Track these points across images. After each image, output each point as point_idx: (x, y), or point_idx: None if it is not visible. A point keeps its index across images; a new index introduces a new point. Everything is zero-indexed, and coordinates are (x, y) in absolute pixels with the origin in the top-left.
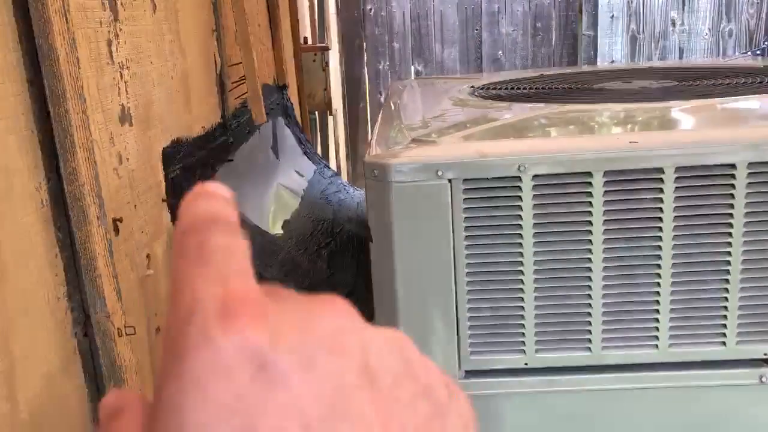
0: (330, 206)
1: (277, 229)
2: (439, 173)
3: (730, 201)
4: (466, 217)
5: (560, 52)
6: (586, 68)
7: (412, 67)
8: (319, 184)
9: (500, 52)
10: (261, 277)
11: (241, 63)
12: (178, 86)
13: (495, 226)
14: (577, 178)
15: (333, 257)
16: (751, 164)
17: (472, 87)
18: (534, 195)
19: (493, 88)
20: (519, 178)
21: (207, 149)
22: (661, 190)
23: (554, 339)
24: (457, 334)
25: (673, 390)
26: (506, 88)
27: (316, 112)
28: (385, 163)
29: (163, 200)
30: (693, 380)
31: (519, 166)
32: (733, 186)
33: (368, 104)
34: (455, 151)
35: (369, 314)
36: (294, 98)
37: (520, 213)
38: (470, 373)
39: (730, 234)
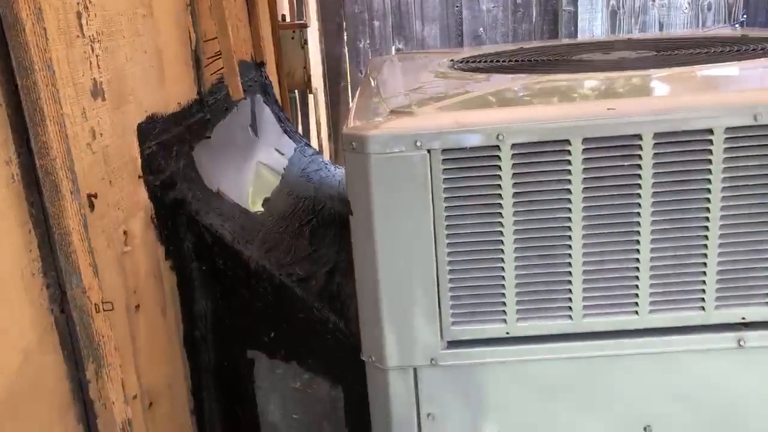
0: (311, 184)
1: (257, 207)
2: (418, 144)
3: (708, 166)
4: (446, 188)
5: (541, 28)
6: (566, 41)
7: (393, 46)
8: (300, 162)
9: (481, 29)
10: (240, 253)
11: (216, 38)
12: (152, 61)
13: (475, 195)
14: (556, 146)
15: (315, 234)
16: (728, 129)
17: (451, 60)
18: (513, 164)
19: (472, 61)
20: (498, 147)
21: (184, 126)
22: (639, 157)
23: (535, 308)
24: (439, 305)
25: (653, 356)
26: (486, 61)
27: (296, 91)
28: (363, 134)
29: (139, 177)
30: (673, 345)
31: (498, 135)
32: (710, 151)
33: (349, 83)
34: (434, 122)
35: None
36: (273, 76)
37: (499, 183)
38: (452, 344)
39: (708, 199)
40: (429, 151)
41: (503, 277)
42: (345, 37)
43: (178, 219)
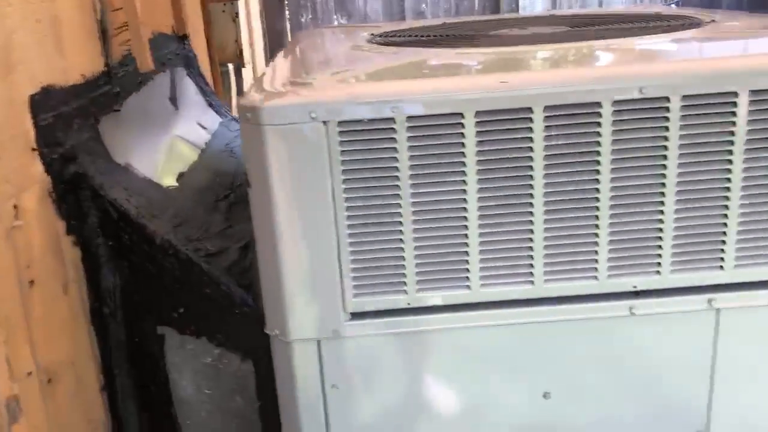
0: (234, 158)
1: (170, 181)
2: (313, 115)
3: (597, 138)
4: (343, 159)
5: (483, 5)
6: (491, 17)
7: (336, 21)
8: (225, 136)
9: (424, 5)
10: (145, 228)
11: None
12: (46, 30)
13: (372, 168)
14: (450, 118)
15: (231, 209)
16: (615, 102)
17: (372, 34)
18: (409, 136)
19: (391, 35)
20: (393, 120)
21: (87, 98)
22: (531, 129)
23: (434, 278)
24: (340, 277)
25: (550, 324)
26: (404, 36)
27: (230, 65)
28: (256, 105)
29: (32, 149)
30: (568, 314)
31: (392, 108)
32: (599, 124)
33: None
34: (329, 94)
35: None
36: (202, 50)
37: (395, 155)
38: (355, 315)
39: (598, 171)
40: (325, 123)
41: (402, 249)
42: (287, 12)
43: (81, 193)
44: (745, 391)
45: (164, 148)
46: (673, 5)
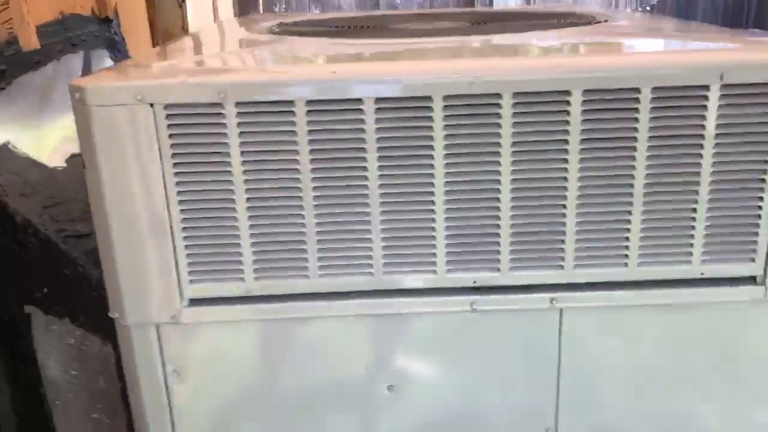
0: None
1: (57, 162)
2: (139, 97)
3: (430, 133)
4: (172, 143)
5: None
6: (412, 11)
7: (309, 12)
8: None
9: None
10: (6, 206)
11: None
12: None
13: (203, 153)
14: (280, 106)
15: None
16: (446, 97)
17: (281, 23)
18: (239, 122)
19: (296, 25)
20: (221, 105)
21: None
22: (362, 121)
23: (272, 267)
24: (176, 262)
25: (390, 317)
26: (306, 26)
27: None
28: (82, 85)
29: None
30: (406, 307)
31: (220, 93)
32: (431, 118)
33: None
34: (157, 76)
35: None
36: (145, 35)
37: (226, 140)
38: (194, 302)
39: (432, 165)
40: (152, 105)
41: (238, 236)
42: (261, 2)
43: None
44: (591, 390)
45: (60, 128)
46: (648, 8)
